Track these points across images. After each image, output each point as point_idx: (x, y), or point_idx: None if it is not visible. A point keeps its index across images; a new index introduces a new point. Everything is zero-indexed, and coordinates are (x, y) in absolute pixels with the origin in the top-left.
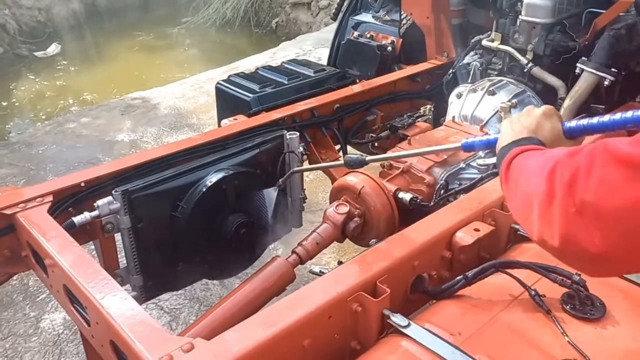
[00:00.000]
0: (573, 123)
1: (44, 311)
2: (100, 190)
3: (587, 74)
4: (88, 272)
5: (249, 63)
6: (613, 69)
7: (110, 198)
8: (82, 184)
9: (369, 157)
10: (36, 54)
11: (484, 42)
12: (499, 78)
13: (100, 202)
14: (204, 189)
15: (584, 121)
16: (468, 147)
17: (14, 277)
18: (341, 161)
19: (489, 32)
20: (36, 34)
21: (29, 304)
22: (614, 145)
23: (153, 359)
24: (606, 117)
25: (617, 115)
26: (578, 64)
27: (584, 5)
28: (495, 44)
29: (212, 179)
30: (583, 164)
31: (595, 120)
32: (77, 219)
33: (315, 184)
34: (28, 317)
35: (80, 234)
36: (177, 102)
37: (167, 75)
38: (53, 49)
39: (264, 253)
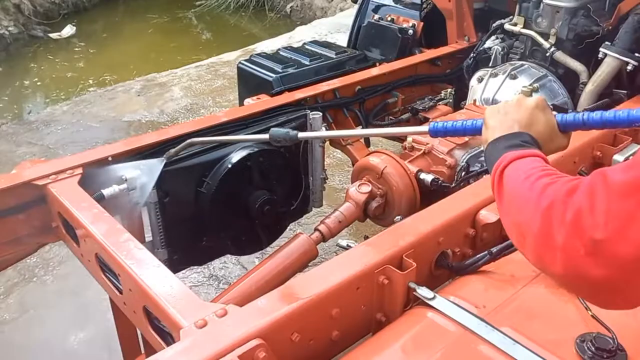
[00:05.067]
0: (569, 116)
1: (65, 285)
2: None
3: (610, 59)
4: (120, 241)
5: (264, 47)
6: (637, 54)
7: (138, 172)
8: (110, 158)
9: (301, 135)
10: (51, 35)
11: (507, 26)
12: (520, 62)
13: (128, 175)
14: (229, 166)
15: (583, 115)
16: (437, 132)
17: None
18: (265, 136)
19: (511, 17)
20: (51, 16)
21: (49, 279)
22: (612, 177)
23: (187, 323)
24: (609, 113)
25: (623, 112)
26: (601, 49)
27: None
28: (517, 28)
29: (237, 156)
30: (584, 202)
31: (596, 114)
32: (106, 192)
33: (332, 169)
34: (49, 291)
35: (108, 207)
36: (193, 84)
37: (182, 57)
38: (68, 30)
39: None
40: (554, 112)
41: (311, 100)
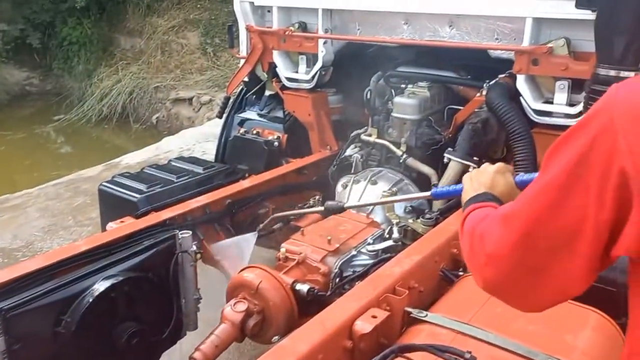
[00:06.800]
0: (525, 176)
1: None
2: None
3: (454, 163)
4: None
5: (131, 159)
6: (475, 158)
7: None
8: None
9: (347, 204)
10: None
11: (362, 137)
12: (378, 169)
13: None
14: (91, 300)
15: (534, 174)
16: (437, 196)
17: None
18: (321, 208)
19: (366, 127)
20: None
21: None
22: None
23: None
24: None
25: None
26: (445, 154)
27: (445, 102)
28: (372, 138)
29: (100, 287)
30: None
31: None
32: None
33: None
34: None
35: None
36: (50, 204)
37: (39, 175)
38: None
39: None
40: (517, 174)
41: (180, 219)
